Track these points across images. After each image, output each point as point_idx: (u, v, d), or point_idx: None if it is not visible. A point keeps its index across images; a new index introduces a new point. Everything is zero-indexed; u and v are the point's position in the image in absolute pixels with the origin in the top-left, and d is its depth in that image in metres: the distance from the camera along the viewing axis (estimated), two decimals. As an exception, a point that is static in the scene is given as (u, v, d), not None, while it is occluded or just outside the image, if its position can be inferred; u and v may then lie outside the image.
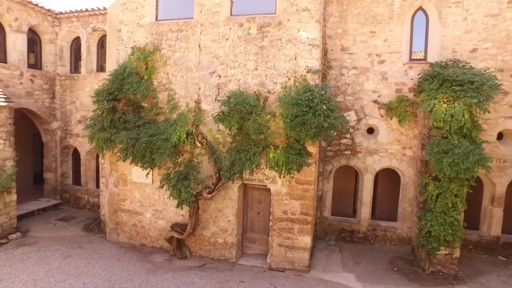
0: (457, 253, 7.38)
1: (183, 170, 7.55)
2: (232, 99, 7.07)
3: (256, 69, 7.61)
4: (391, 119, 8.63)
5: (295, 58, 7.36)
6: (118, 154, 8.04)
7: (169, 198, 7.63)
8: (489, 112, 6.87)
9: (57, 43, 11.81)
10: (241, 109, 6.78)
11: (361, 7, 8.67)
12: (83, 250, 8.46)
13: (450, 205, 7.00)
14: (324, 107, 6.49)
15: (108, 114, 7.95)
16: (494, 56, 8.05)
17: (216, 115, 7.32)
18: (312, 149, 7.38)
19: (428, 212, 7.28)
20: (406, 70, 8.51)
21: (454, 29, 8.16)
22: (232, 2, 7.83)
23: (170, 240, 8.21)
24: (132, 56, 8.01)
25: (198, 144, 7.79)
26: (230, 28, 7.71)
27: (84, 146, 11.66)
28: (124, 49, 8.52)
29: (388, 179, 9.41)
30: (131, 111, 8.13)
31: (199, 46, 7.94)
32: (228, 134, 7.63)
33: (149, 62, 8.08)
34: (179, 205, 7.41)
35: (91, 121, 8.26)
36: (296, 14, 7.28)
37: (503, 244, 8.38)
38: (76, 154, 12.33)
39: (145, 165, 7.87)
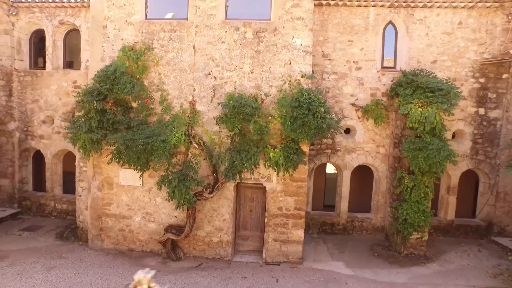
0: (426, 237, 8.57)
1: (183, 171, 7.54)
2: (231, 102, 7.29)
3: (252, 72, 7.91)
4: (367, 120, 9.59)
5: (290, 63, 7.83)
6: (110, 156, 7.67)
7: (168, 200, 7.54)
8: (453, 115, 8.12)
9: (14, 34, 10.67)
10: (245, 111, 7.03)
11: (340, 18, 9.48)
12: (66, 260, 7.90)
13: (422, 195, 8.12)
14: (322, 109, 7.08)
15: (96, 115, 7.55)
16: (449, 68, 9.46)
17: (219, 117, 7.47)
18: (306, 148, 7.93)
19: (404, 202, 8.32)
20: (379, 77, 9.54)
21: (418, 42, 9.40)
22: (227, 6, 8.01)
23: (165, 243, 8.09)
24: (125, 55, 7.71)
25: (195, 145, 7.83)
26: (226, 32, 7.89)
27: (50, 148, 10.72)
28: (110, 46, 8.16)
29: (360, 175, 10.40)
30: (121, 111, 7.84)
31: (194, 47, 7.97)
32: (227, 136, 7.80)
33: (139, 62, 7.86)
34: (179, 206, 7.39)
35: (75, 122, 7.76)
36: (291, 21, 7.75)
37: (456, 226, 9.89)
38: (37, 157, 11.28)
39: (138, 167, 7.66)
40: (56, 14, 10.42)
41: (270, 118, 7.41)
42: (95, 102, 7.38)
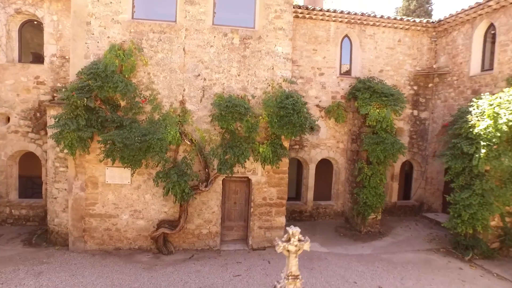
0: (380, 216, 10.36)
1: (179, 167, 7.87)
2: (222, 102, 7.93)
3: (239, 75, 8.61)
4: (329, 119, 11.06)
5: (273, 68, 8.75)
6: (101, 154, 7.59)
7: (164, 195, 7.79)
8: (401, 115, 10.01)
9: (-45, 21, 9.46)
10: (239, 110, 7.73)
11: (307, 29, 10.75)
12: (50, 264, 7.53)
13: (378, 181, 9.83)
14: (305, 109, 8.17)
15: (84, 112, 7.40)
16: (392, 76, 11.49)
17: (214, 115, 8.02)
18: (287, 144, 8.94)
19: (364, 188, 9.94)
20: (338, 82, 11.08)
21: (369, 54, 11.20)
22: (214, 12, 8.55)
23: (158, 238, 8.28)
24: (114, 53, 7.67)
25: (187, 142, 8.21)
26: (215, 36, 8.44)
27: (4, 149, 9.76)
28: (95, 43, 8.01)
29: (320, 167, 11.84)
30: (110, 109, 7.80)
31: (184, 49, 8.33)
32: (218, 133, 8.37)
33: (128, 61, 7.91)
34: (178, 200, 7.72)
35: (59, 119, 7.45)
36: (274, 31, 8.67)
37: (398, 207, 12.04)
38: (-16, 160, 10.12)
39: (130, 164, 7.74)
40: (11, 1, 9.57)
41: (260, 117, 8.23)
42: (85, 99, 7.26)
